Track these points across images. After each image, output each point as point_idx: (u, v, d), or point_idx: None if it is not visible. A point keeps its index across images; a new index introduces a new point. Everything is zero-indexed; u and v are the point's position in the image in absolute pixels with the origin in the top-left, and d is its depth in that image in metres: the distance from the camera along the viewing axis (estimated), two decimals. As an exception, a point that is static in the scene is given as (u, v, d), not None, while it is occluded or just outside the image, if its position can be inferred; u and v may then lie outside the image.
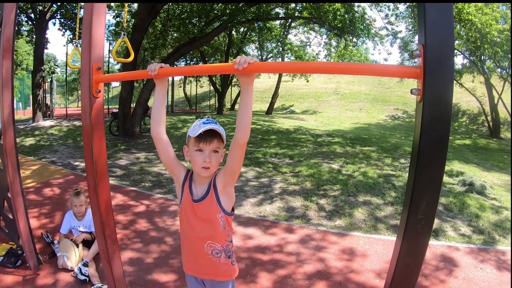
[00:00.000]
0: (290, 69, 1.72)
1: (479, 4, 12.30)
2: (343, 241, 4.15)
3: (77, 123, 14.07)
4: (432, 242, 4.12)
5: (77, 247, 3.32)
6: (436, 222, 4.66)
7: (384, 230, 4.49)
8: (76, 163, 7.67)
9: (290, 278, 3.31)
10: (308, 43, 25.22)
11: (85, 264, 3.14)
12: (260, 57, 23.22)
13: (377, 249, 3.98)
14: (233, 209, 1.75)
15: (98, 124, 1.80)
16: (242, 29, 19.72)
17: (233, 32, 19.25)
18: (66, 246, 3.28)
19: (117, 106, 12.05)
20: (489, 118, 21.42)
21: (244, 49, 21.80)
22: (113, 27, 16.56)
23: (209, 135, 1.60)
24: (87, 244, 3.48)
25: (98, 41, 1.84)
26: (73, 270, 3.17)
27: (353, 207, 5.16)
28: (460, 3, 11.35)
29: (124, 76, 1.99)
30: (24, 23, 13.43)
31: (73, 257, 3.22)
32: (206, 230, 1.68)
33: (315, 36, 25.13)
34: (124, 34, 2.72)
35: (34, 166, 7.44)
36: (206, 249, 1.69)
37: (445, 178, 6.84)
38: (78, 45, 3.83)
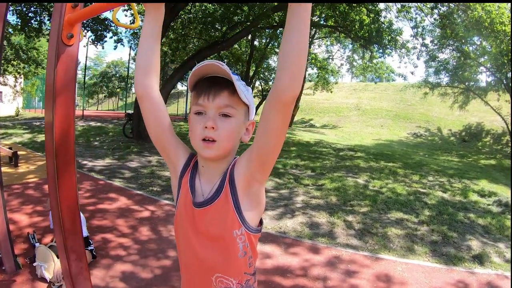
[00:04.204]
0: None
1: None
2: (377, 266, 3.54)
3: (93, 123, 14.02)
4: (477, 270, 3.58)
5: (57, 256, 2.76)
6: (478, 245, 4.15)
7: (423, 255, 3.86)
8: (84, 162, 7.32)
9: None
10: (331, 56, 24.73)
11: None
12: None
13: (418, 277, 3.37)
14: (261, 222, 1.10)
15: (66, 83, 1.23)
16: (264, 40, 19.38)
17: (256, 42, 18.90)
18: (43, 255, 2.73)
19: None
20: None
21: (267, 59, 21.43)
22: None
23: (213, 84, 0.99)
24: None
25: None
26: (52, 282, 2.63)
27: (385, 226, 4.53)
28: (494, 12, 10.64)
29: (104, 6, 1.26)
30: (46, 21, 13.29)
31: (52, 268, 2.67)
32: (215, 255, 1.03)
33: (338, 50, 24.68)
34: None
35: (40, 162, 7.22)
36: (214, 284, 1.06)
37: (478, 198, 6.31)
38: None
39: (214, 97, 0.98)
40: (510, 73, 17.79)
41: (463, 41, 14.70)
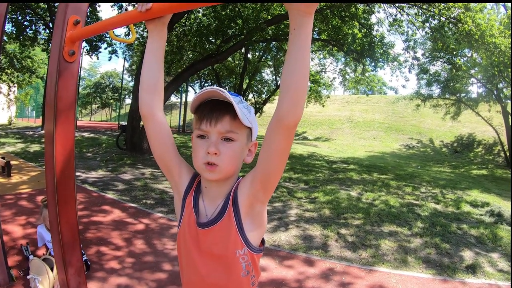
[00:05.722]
0: None
1: (501, 27, 11.85)
2: (371, 278, 3.55)
3: (86, 134, 13.92)
4: (470, 280, 3.61)
5: (52, 269, 2.73)
6: (471, 256, 4.18)
7: (417, 266, 3.88)
8: (77, 174, 7.24)
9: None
10: (324, 70, 24.92)
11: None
12: (275, 82, 22.82)
13: (412, 289, 3.37)
14: (263, 242, 1.11)
15: (67, 100, 1.25)
16: (258, 53, 19.53)
17: (249, 55, 19.05)
18: (37, 267, 2.70)
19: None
20: (505, 147, 20.43)
21: (260, 72, 21.55)
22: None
23: (215, 109, 1.00)
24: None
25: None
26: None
27: (378, 238, 4.54)
28: (484, 25, 10.85)
29: (107, 25, 1.26)
30: (41, 30, 13.28)
31: (46, 281, 2.63)
32: (217, 273, 1.04)
33: (331, 63, 24.89)
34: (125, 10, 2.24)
35: (33, 172, 7.18)
36: None
37: (471, 209, 6.39)
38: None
39: (216, 122, 1.00)
40: (501, 83, 18.06)
41: (454, 53, 14.93)
